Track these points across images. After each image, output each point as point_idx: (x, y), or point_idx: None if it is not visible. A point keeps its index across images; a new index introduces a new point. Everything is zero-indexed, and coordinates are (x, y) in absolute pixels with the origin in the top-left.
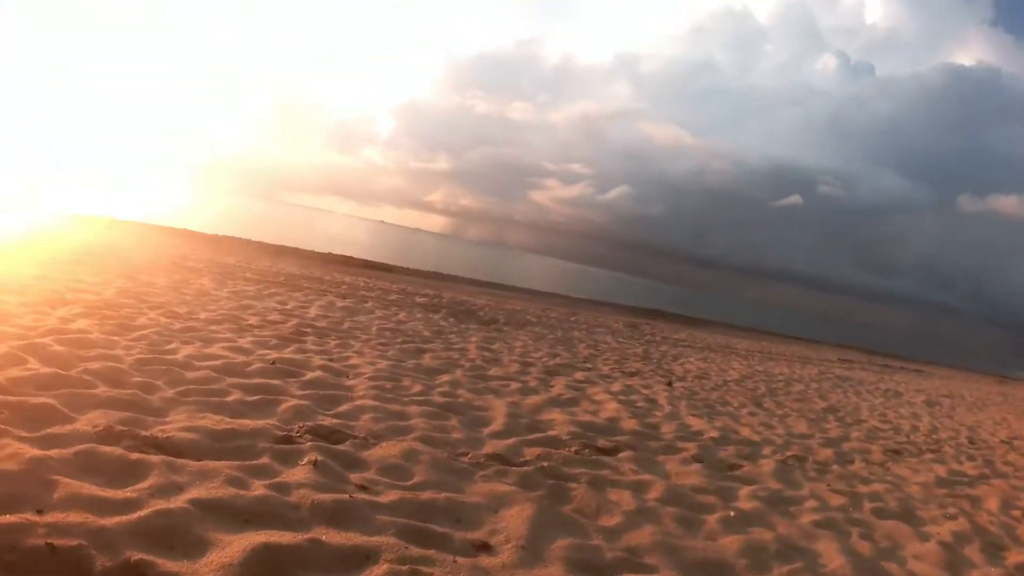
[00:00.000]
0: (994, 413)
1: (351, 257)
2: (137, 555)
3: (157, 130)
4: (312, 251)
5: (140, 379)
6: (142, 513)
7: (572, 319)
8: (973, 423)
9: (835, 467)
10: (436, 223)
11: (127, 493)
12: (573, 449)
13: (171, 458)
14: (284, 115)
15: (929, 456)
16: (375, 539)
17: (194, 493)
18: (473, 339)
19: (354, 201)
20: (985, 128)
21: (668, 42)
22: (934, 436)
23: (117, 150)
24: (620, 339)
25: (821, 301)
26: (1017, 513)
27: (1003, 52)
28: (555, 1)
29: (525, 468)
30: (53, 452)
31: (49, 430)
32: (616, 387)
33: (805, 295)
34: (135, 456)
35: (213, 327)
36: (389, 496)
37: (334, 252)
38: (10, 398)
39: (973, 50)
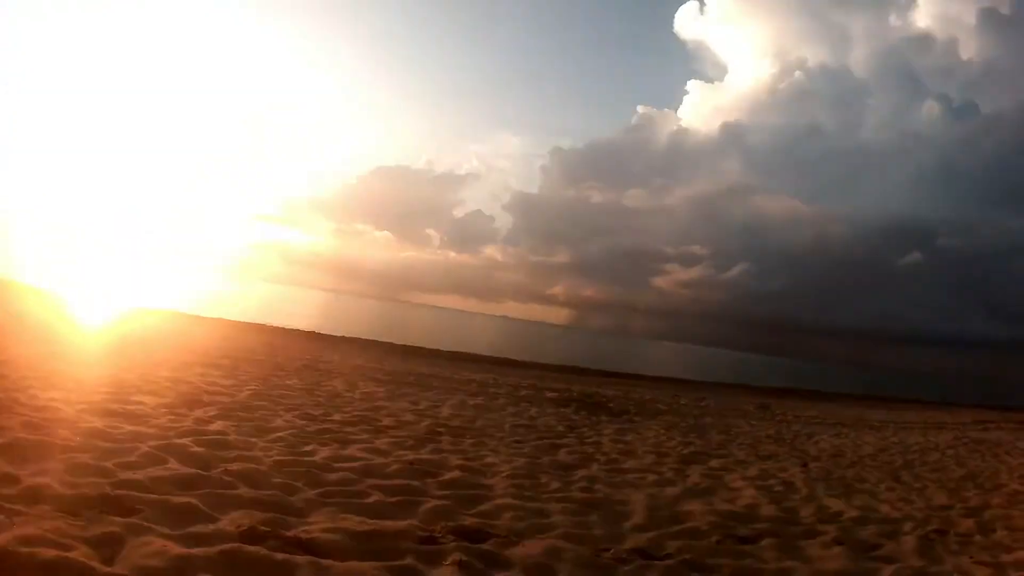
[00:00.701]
0: None
1: (478, 354)
2: None
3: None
4: (439, 349)
5: (280, 480)
6: None
7: (702, 404)
8: None
9: (977, 537)
10: (560, 315)
11: None
12: (714, 539)
13: (316, 558)
14: (402, 215)
15: None
16: None
17: None
18: (606, 432)
19: (477, 298)
20: None
21: (771, 111)
22: None
23: (222, 240)
24: (752, 422)
25: (953, 359)
26: None
27: None
28: (656, 82)
29: (668, 561)
30: (197, 551)
31: (192, 528)
32: (752, 472)
33: (936, 355)
34: (280, 556)
35: (348, 428)
36: None
37: (461, 350)
38: (152, 496)
39: None
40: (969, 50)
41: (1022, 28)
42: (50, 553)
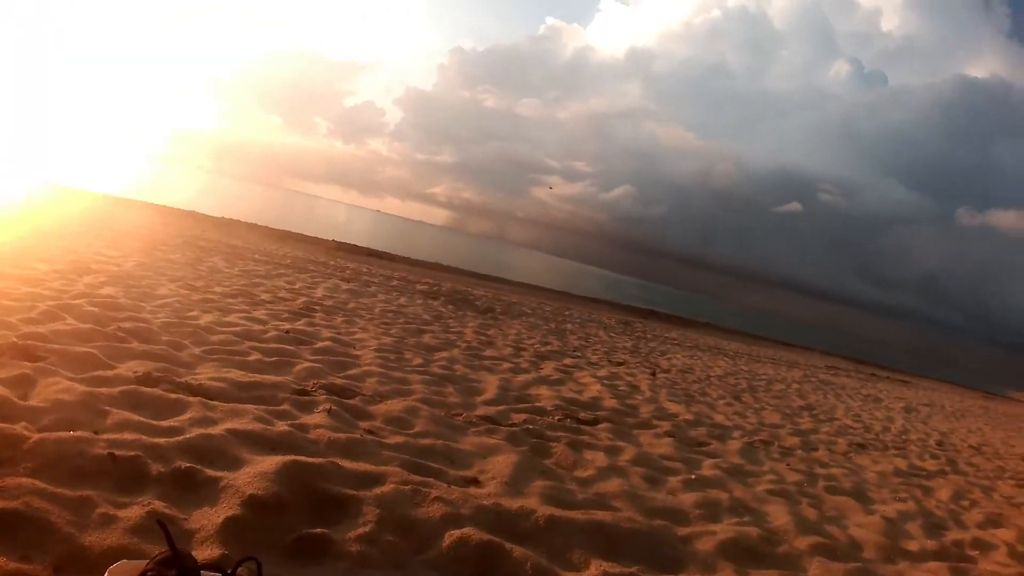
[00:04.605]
0: (971, 423)
1: (355, 245)
2: (186, 464)
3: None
4: (316, 237)
5: (168, 339)
6: (187, 436)
7: (567, 313)
8: (947, 430)
9: (799, 452)
10: (439, 216)
11: (171, 423)
12: (556, 418)
13: (204, 399)
14: (291, 100)
15: (893, 452)
16: (383, 468)
17: (228, 425)
18: (470, 325)
19: (357, 191)
20: (992, 142)
21: (682, 43)
22: (903, 437)
23: (92, 116)
24: (611, 334)
25: (818, 309)
26: (966, 503)
27: (1017, 65)
28: None
29: (512, 428)
30: (102, 390)
31: (94, 373)
32: (602, 373)
33: (802, 303)
34: (173, 396)
35: (229, 300)
36: (394, 439)
37: (337, 239)
38: (55, 346)
39: (987, 62)
40: (891, 23)
41: (948, 13)
42: None
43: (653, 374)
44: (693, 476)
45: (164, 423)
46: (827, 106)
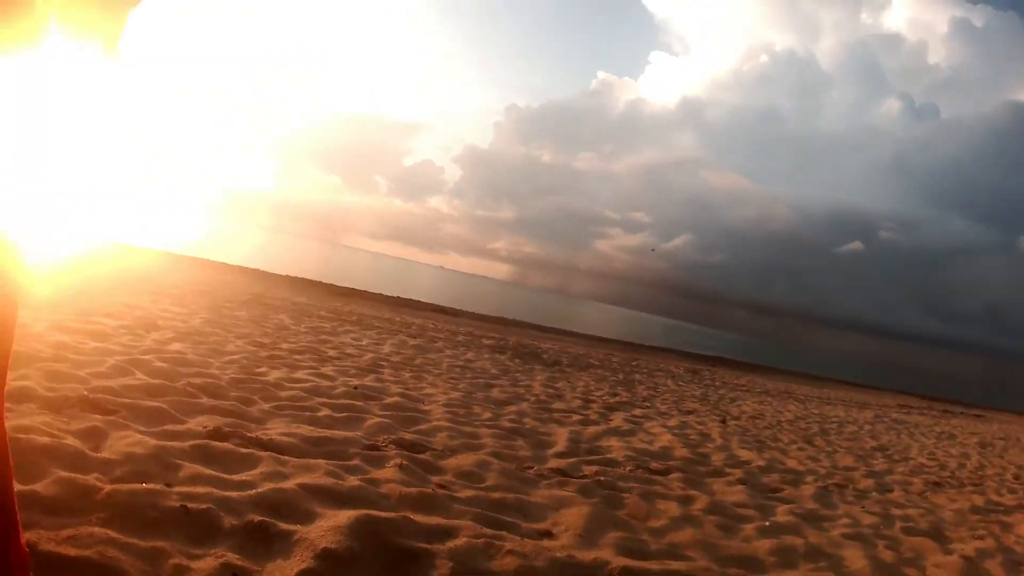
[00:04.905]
0: None
1: (419, 301)
2: (259, 518)
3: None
4: (380, 294)
5: (238, 394)
6: (259, 490)
7: (634, 363)
8: None
9: (874, 494)
10: (501, 270)
11: (243, 476)
12: (628, 469)
13: (275, 454)
14: (350, 160)
15: (970, 488)
16: (455, 522)
17: (300, 480)
18: (538, 378)
19: (418, 248)
20: None
21: (732, 90)
22: (979, 472)
23: (160, 171)
24: (680, 382)
25: (885, 348)
26: None
27: None
28: (620, 51)
29: (584, 480)
30: (172, 444)
31: (164, 427)
32: (672, 422)
33: (869, 342)
34: (244, 451)
35: (296, 356)
36: (465, 493)
37: (402, 296)
38: (125, 400)
39: None
40: (937, 55)
41: (992, 41)
42: (44, 440)
43: (723, 421)
44: (767, 523)
45: (236, 477)
46: (881, 143)
